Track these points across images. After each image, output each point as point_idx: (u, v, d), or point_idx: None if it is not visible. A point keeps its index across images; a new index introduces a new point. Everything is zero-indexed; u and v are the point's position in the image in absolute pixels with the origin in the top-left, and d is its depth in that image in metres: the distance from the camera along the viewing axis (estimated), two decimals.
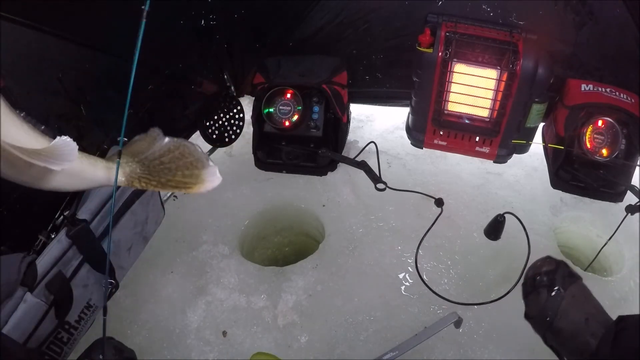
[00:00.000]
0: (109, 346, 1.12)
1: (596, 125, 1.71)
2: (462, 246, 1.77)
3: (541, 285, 1.12)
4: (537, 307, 1.12)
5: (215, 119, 2.02)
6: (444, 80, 1.77)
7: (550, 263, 1.16)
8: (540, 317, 1.11)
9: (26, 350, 1.12)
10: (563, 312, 1.08)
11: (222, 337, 1.54)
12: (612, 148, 1.70)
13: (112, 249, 1.43)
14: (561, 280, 1.12)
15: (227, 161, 2.14)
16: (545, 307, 1.10)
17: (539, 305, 1.11)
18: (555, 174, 1.86)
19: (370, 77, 2.12)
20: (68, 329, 1.29)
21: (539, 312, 1.11)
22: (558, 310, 1.08)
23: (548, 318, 1.09)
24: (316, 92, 1.88)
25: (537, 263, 1.19)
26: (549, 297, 1.10)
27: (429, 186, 1.97)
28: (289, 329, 1.55)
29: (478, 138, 1.88)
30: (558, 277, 1.12)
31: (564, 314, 1.08)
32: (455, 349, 1.49)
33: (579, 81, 1.81)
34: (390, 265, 1.71)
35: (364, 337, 1.53)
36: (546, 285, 1.12)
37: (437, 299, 1.59)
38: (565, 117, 1.78)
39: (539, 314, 1.12)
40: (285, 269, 1.71)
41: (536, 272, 1.16)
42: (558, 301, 1.09)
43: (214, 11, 1.84)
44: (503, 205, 1.88)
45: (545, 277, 1.13)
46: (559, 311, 1.08)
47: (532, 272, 1.17)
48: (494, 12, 1.80)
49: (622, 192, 1.80)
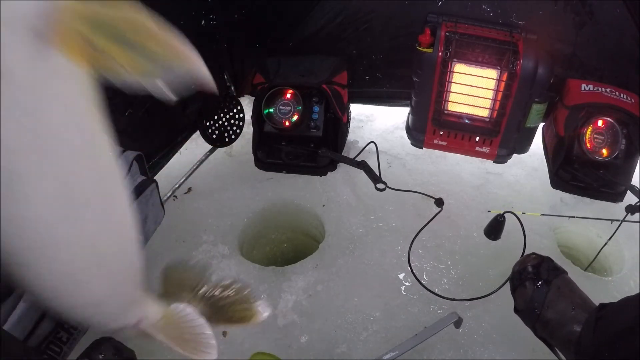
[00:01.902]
0: (108, 346, 1.12)
1: (596, 125, 1.71)
2: (462, 246, 1.77)
3: (527, 278, 1.18)
4: (525, 300, 1.17)
5: (215, 119, 2.02)
6: (444, 80, 1.77)
7: (535, 258, 1.22)
8: (528, 309, 1.16)
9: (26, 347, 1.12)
10: (549, 302, 1.13)
11: (222, 337, 1.54)
12: (612, 148, 1.71)
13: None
14: (546, 273, 1.17)
15: (227, 161, 2.14)
16: (532, 299, 1.15)
17: (526, 298, 1.16)
18: (555, 174, 1.86)
19: (370, 77, 2.12)
20: (68, 328, 1.29)
21: (527, 304, 1.16)
22: (544, 301, 1.13)
23: (536, 310, 1.14)
24: (316, 92, 1.89)
25: (522, 259, 1.25)
26: (535, 289, 1.15)
27: (429, 186, 1.97)
28: (289, 329, 1.55)
29: (478, 138, 1.89)
30: (543, 270, 1.17)
31: (551, 305, 1.13)
32: (455, 349, 1.49)
33: (579, 81, 1.81)
34: (390, 265, 1.71)
35: (364, 337, 1.53)
36: (532, 279, 1.17)
37: (437, 299, 1.59)
38: (565, 117, 1.78)
39: (526, 306, 1.16)
40: (286, 269, 1.71)
41: (522, 266, 1.21)
42: (544, 293, 1.14)
43: (214, 11, 1.84)
44: (503, 205, 1.87)
45: (531, 271, 1.18)
46: (546, 302, 1.13)
47: (518, 267, 1.23)
48: (494, 12, 1.80)
49: (622, 192, 1.80)
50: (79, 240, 0.45)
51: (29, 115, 0.35)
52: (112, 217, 0.49)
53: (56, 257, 0.44)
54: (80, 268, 0.47)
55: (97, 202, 0.45)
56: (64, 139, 0.39)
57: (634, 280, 1.67)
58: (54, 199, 0.41)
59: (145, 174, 1.58)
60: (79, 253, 0.46)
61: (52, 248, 0.43)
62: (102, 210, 0.47)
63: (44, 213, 0.40)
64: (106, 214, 0.48)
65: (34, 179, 0.38)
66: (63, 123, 0.38)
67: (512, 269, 1.26)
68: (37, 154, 0.37)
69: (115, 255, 0.52)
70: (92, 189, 0.44)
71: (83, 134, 0.40)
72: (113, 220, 0.49)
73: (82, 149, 0.41)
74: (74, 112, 0.39)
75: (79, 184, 0.42)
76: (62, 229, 0.43)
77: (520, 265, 1.23)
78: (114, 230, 0.50)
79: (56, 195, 0.41)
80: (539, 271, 1.17)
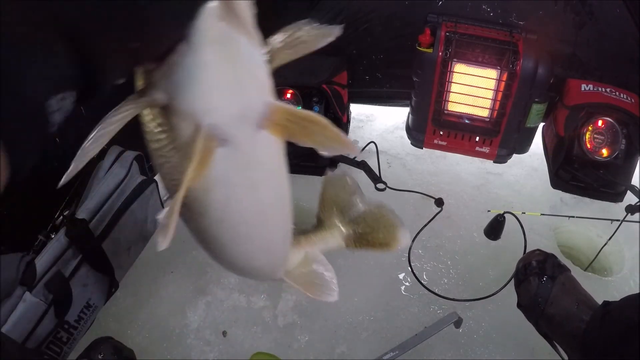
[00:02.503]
0: (107, 346, 1.12)
1: (596, 125, 1.71)
2: (462, 246, 1.77)
3: (532, 273, 1.17)
4: (529, 295, 1.16)
5: None
6: (444, 80, 1.77)
7: (539, 254, 1.21)
8: (532, 304, 1.15)
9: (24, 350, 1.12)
10: (554, 298, 1.12)
11: (222, 337, 1.54)
12: (612, 148, 1.70)
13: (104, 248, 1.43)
14: (551, 269, 1.16)
15: None
16: (537, 294, 1.14)
17: (530, 293, 1.16)
18: (555, 174, 1.86)
19: (370, 77, 2.11)
20: (67, 328, 1.29)
21: (531, 299, 1.15)
22: (549, 296, 1.12)
23: (540, 305, 1.13)
24: (316, 92, 1.88)
25: (527, 255, 1.24)
26: (539, 284, 1.15)
27: (429, 186, 1.97)
28: (289, 329, 1.55)
29: (478, 138, 1.88)
30: (548, 266, 1.17)
31: (555, 300, 1.12)
32: (455, 349, 1.49)
33: (579, 81, 1.80)
34: (390, 265, 1.71)
35: (364, 337, 1.53)
36: (537, 274, 1.16)
37: (437, 298, 1.59)
38: (565, 117, 1.77)
39: (530, 301, 1.15)
40: None
41: (526, 262, 1.20)
42: (549, 288, 1.13)
43: None
44: (503, 205, 1.87)
45: (536, 266, 1.17)
46: (550, 297, 1.12)
47: (522, 263, 1.22)
48: (494, 12, 1.80)
49: (622, 192, 1.80)
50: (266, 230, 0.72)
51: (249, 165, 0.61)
52: (283, 214, 0.73)
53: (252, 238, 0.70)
54: (257, 248, 0.73)
55: (277, 209, 0.70)
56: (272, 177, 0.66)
57: (634, 280, 1.67)
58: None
59: (145, 174, 1.58)
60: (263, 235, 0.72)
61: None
62: (279, 212, 0.71)
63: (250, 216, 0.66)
64: (281, 213, 0.72)
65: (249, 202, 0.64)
66: (270, 166, 0.65)
67: (516, 264, 1.26)
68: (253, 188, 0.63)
69: (281, 240, 0.77)
70: (275, 203, 0.69)
71: (280, 175, 0.67)
72: (284, 218, 0.74)
73: (278, 184, 0.68)
74: (276, 162, 0.65)
75: (271, 202, 0.68)
76: (255, 230, 0.69)
77: (524, 260, 1.22)
78: (283, 221, 0.74)
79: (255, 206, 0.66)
80: (544, 267, 1.17)
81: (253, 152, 0.59)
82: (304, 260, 0.90)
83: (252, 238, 0.70)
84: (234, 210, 0.63)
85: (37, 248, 1.28)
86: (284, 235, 0.76)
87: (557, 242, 1.81)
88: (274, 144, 0.62)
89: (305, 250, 0.91)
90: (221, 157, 0.54)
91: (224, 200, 0.60)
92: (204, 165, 0.53)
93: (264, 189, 0.65)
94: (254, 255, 0.74)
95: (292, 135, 0.59)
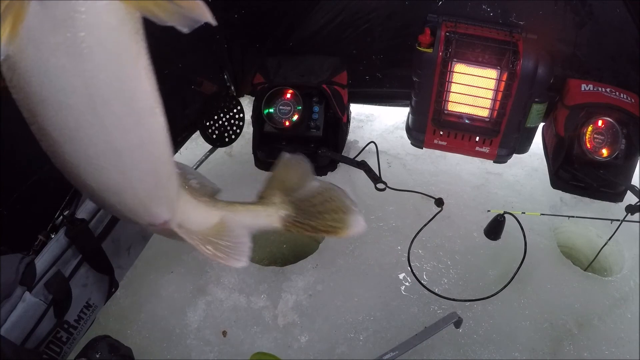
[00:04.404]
0: (104, 344, 1.11)
1: (596, 125, 1.71)
2: (462, 246, 1.77)
3: None
4: None
5: (215, 118, 2.02)
6: (444, 80, 1.77)
7: None
8: None
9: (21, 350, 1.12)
10: None
11: (222, 337, 1.54)
12: (612, 148, 1.70)
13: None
14: None
15: (227, 161, 2.14)
16: None
17: None
18: (555, 174, 1.86)
19: (370, 77, 2.12)
20: (67, 328, 1.29)
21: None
22: None
23: None
24: (316, 92, 1.88)
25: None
26: None
27: (429, 186, 1.97)
28: (289, 329, 1.55)
29: (478, 138, 1.88)
30: None
31: None
32: (455, 349, 1.49)
33: (579, 81, 1.80)
34: (390, 265, 1.71)
35: (364, 337, 1.53)
36: None
37: (437, 299, 1.59)
38: (565, 117, 1.77)
39: None
40: (285, 269, 1.71)
41: None
42: None
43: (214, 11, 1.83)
44: (503, 205, 1.88)
45: None
46: None
47: None
48: (494, 12, 1.80)
49: (622, 192, 1.80)
50: (103, 130, 0.55)
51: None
52: (134, 113, 0.57)
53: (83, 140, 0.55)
54: (101, 152, 0.57)
55: (119, 98, 0.55)
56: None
57: (634, 280, 1.67)
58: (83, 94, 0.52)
59: None
60: (102, 139, 0.56)
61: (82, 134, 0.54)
62: (124, 105, 0.55)
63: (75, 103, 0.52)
64: (129, 107, 0.56)
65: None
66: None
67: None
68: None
69: (137, 149, 0.60)
70: (115, 86, 0.54)
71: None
72: (135, 118, 0.57)
73: (123, 75, 0.54)
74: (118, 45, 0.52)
75: (110, 96, 0.54)
76: (86, 118, 0.53)
77: None
78: (136, 126, 0.58)
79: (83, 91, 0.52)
80: None
81: (73, 15, 0.48)
82: (218, 224, 0.79)
83: (91, 138, 0.55)
84: (56, 89, 0.51)
85: (37, 248, 1.28)
86: (145, 154, 0.61)
87: (557, 242, 1.81)
88: (112, 15, 0.50)
89: (222, 214, 0.80)
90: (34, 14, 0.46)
91: (41, 72, 0.49)
92: (17, 20, 0.45)
93: (98, 73, 0.52)
94: (96, 164, 0.58)
95: (143, 8, 0.51)
